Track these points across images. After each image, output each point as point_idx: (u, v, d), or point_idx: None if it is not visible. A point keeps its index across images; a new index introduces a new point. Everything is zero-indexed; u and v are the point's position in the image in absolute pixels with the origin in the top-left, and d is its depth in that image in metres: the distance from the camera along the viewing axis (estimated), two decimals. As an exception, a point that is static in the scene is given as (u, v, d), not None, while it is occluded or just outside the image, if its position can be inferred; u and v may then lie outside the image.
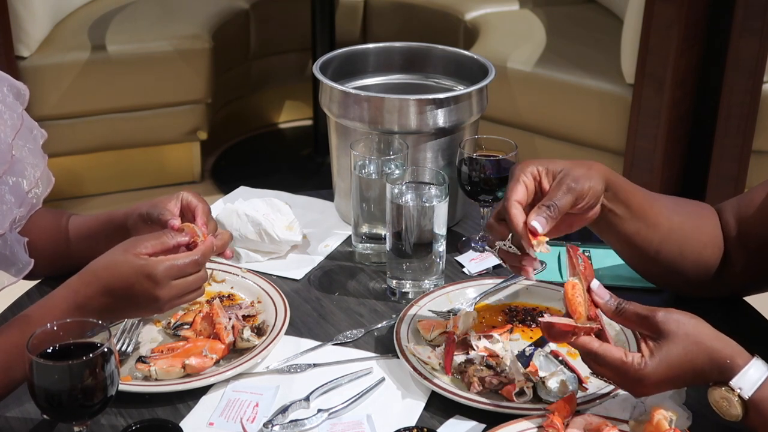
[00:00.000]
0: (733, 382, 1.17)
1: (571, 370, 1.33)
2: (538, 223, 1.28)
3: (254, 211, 1.66)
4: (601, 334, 1.22)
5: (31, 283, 1.58)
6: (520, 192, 1.31)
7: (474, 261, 1.66)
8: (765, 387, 1.16)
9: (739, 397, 1.17)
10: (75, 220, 1.53)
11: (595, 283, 1.24)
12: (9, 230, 1.31)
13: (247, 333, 1.41)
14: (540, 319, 1.23)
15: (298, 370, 1.39)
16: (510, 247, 1.32)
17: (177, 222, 1.38)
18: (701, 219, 1.48)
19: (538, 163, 1.34)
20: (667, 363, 1.17)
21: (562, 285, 1.54)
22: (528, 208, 1.32)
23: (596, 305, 1.24)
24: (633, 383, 1.20)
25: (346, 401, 1.32)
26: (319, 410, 1.30)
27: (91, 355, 1.11)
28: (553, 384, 1.30)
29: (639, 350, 1.20)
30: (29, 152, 1.38)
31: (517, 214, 1.29)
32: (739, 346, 1.19)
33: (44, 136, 1.45)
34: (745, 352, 1.19)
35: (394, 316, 1.51)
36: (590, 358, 1.21)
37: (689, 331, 1.18)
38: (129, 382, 1.33)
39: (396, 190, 1.53)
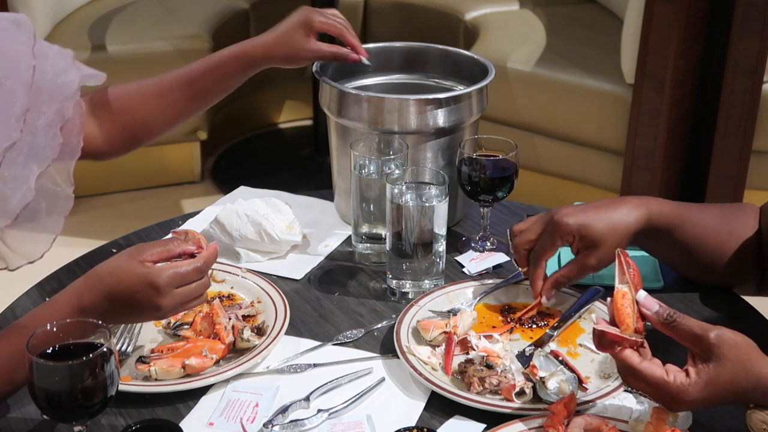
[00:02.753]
0: None
1: (571, 370, 1.33)
2: (546, 299, 1.47)
3: (254, 211, 1.66)
4: (641, 347, 1.20)
5: (31, 283, 1.58)
6: (549, 254, 1.46)
7: (474, 261, 1.66)
8: None
9: None
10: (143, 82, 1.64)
11: (642, 294, 1.21)
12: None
13: (247, 333, 1.41)
14: (594, 325, 1.20)
15: (298, 370, 1.39)
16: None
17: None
18: (743, 231, 1.48)
19: (575, 229, 1.42)
20: (712, 386, 1.16)
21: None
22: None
23: (643, 317, 1.20)
24: (671, 401, 1.17)
25: (346, 401, 1.32)
26: (319, 410, 1.30)
27: (91, 355, 1.11)
28: (552, 384, 1.30)
29: (684, 367, 1.18)
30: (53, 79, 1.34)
31: (538, 279, 1.46)
32: None
33: (70, 54, 1.40)
34: None
35: (394, 316, 1.51)
36: (629, 372, 1.19)
37: (740, 356, 1.16)
38: (129, 382, 1.33)
39: (396, 190, 1.53)
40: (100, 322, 1.18)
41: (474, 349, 1.38)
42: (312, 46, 1.67)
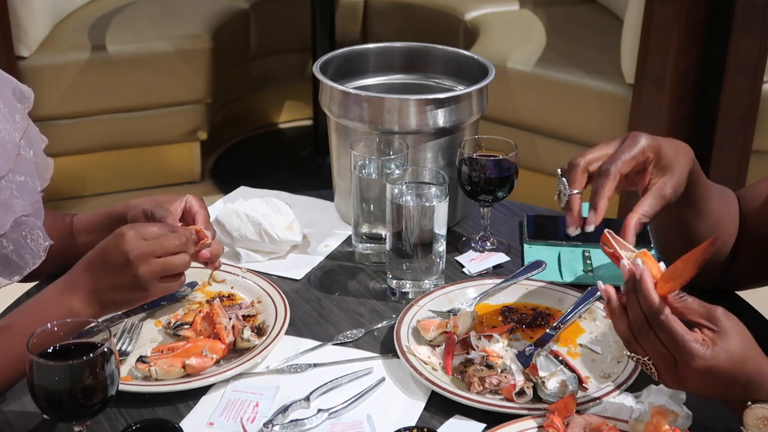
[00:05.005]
0: None
1: (571, 370, 1.33)
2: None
3: (254, 211, 1.66)
4: None
5: (32, 283, 1.58)
6: (627, 167, 1.31)
7: (474, 261, 1.66)
8: None
9: None
10: (78, 218, 1.55)
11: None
12: (10, 230, 1.32)
13: (247, 333, 1.41)
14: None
15: (298, 370, 1.39)
16: (564, 193, 1.32)
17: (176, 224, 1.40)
18: (732, 209, 1.48)
19: (655, 144, 1.34)
20: (726, 353, 1.13)
21: (561, 285, 1.55)
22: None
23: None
24: (682, 363, 1.13)
25: (346, 401, 1.32)
26: (319, 410, 1.30)
27: (91, 355, 1.11)
28: (553, 384, 1.30)
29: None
30: (33, 157, 1.39)
31: (609, 191, 1.30)
32: None
33: (45, 142, 1.45)
34: None
35: (394, 316, 1.51)
36: (651, 319, 1.15)
37: (746, 333, 1.16)
38: (129, 382, 1.33)
39: (396, 190, 1.53)
40: (95, 321, 1.19)
41: (474, 349, 1.38)
42: None
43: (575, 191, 1.33)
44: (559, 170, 1.37)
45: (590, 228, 1.32)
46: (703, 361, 1.13)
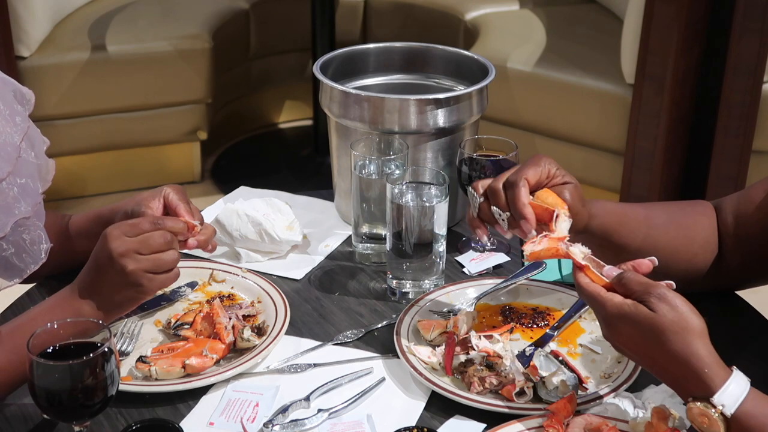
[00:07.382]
0: (714, 399, 1.11)
1: (571, 370, 1.33)
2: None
3: (254, 211, 1.66)
4: None
5: (31, 284, 1.58)
6: (532, 174, 1.32)
7: (474, 261, 1.66)
8: (747, 401, 1.11)
9: (722, 414, 1.11)
10: (73, 220, 1.55)
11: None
12: (11, 232, 1.31)
13: (247, 333, 1.41)
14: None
15: (298, 370, 1.39)
16: (502, 217, 1.34)
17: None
18: (694, 227, 1.46)
19: (557, 168, 1.35)
20: (672, 306, 1.14)
21: (561, 285, 1.55)
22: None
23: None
24: (599, 317, 1.19)
25: (346, 401, 1.32)
26: (319, 410, 1.30)
27: (91, 355, 1.11)
28: (552, 384, 1.30)
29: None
30: (35, 159, 1.39)
31: (525, 201, 1.30)
32: (719, 358, 1.15)
33: (46, 144, 1.45)
34: (725, 366, 1.14)
35: (394, 316, 1.51)
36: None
37: (685, 314, 1.15)
38: (129, 382, 1.33)
39: (396, 190, 1.53)
40: (98, 321, 1.19)
41: (474, 349, 1.38)
42: None
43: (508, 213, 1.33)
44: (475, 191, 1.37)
45: (531, 235, 1.32)
46: (612, 308, 1.16)
